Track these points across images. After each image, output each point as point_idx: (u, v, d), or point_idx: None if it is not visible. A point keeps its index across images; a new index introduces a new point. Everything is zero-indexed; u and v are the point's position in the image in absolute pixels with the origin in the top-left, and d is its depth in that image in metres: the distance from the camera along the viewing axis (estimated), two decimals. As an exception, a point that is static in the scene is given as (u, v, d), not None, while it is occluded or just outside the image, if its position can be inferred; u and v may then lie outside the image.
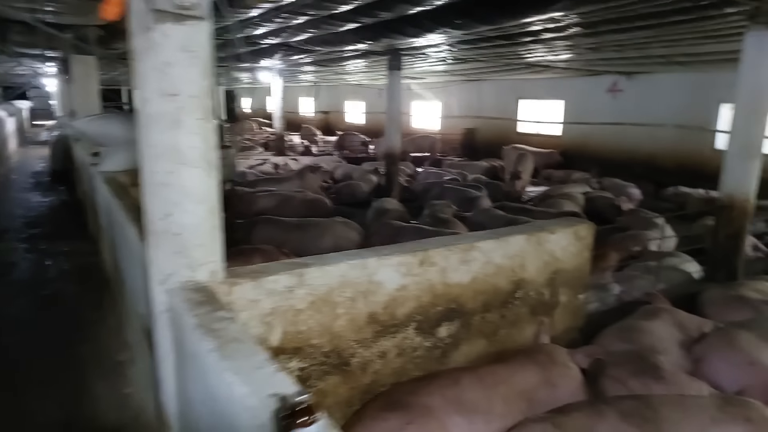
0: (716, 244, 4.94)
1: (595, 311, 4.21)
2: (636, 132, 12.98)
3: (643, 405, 2.48)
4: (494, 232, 3.17)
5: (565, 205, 8.62)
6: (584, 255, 3.49)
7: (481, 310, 3.05)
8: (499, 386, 2.67)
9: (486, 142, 16.97)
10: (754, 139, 4.65)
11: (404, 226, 6.35)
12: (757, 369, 3.14)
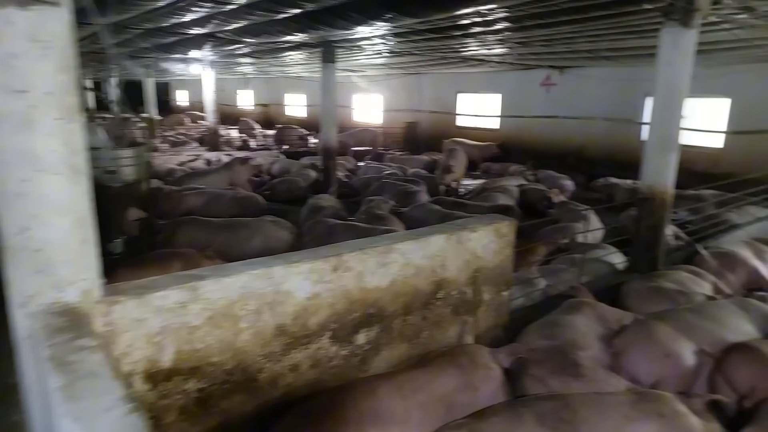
0: (638, 235, 5.09)
1: (521, 307, 4.23)
2: (568, 125, 13.37)
3: (560, 406, 2.46)
4: (413, 232, 3.08)
5: (500, 198, 8.74)
6: (506, 252, 3.46)
7: (401, 313, 2.95)
8: (417, 393, 2.58)
9: (427, 135, 17.05)
10: (671, 132, 4.79)
11: (337, 224, 6.20)
12: (672, 360, 3.21)
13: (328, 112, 9.63)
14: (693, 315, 3.54)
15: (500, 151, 14.64)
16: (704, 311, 3.64)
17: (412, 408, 2.51)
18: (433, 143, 15.77)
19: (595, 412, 2.41)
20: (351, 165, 12.31)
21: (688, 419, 2.43)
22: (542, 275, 4.71)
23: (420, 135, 17.33)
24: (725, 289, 4.70)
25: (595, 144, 12.95)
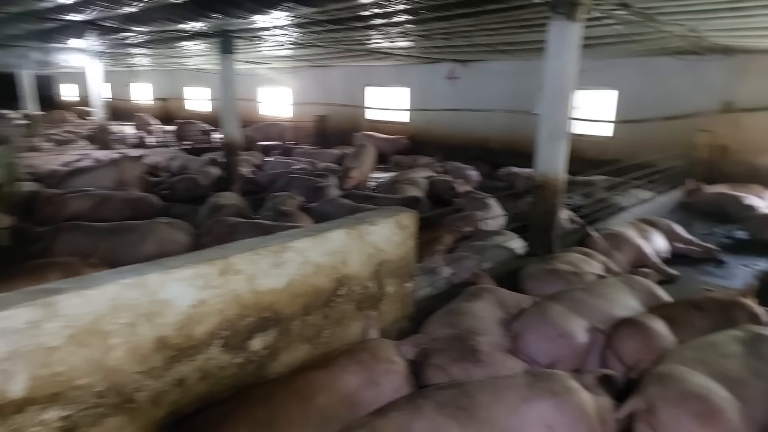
0: (534, 220, 5.31)
1: (427, 296, 4.26)
2: (472, 117, 13.82)
3: (459, 393, 2.46)
4: (311, 229, 2.96)
5: (409, 190, 8.82)
6: (409, 244, 3.44)
7: (301, 314, 2.83)
8: (317, 396, 2.48)
9: (338, 129, 16.90)
10: (560, 122, 5.04)
11: (239, 222, 5.92)
12: (565, 339, 3.35)
13: (229, 106, 9.20)
14: (584, 294, 3.73)
15: (410, 144, 14.85)
16: (594, 290, 3.85)
17: (311, 411, 2.41)
18: (344, 137, 15.67)
19: (492, 396, 2.44)
20: (257, 161, 11.89)
21: (580, 395, 2.53)
22: (446, 264, 4.77)
23: (331, 128, 17.15)
24: (614, 267, 5.03)
25: (498, 135, 13.49)
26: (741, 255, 6.41)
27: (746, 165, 9.87)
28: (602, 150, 11.57)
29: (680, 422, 2.50)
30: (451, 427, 2.28)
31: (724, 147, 10.05)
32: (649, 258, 5.57)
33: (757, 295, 3.96)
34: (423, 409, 2.35)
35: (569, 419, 2.40)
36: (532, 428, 2.35)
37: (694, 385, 2.61)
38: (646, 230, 6.06)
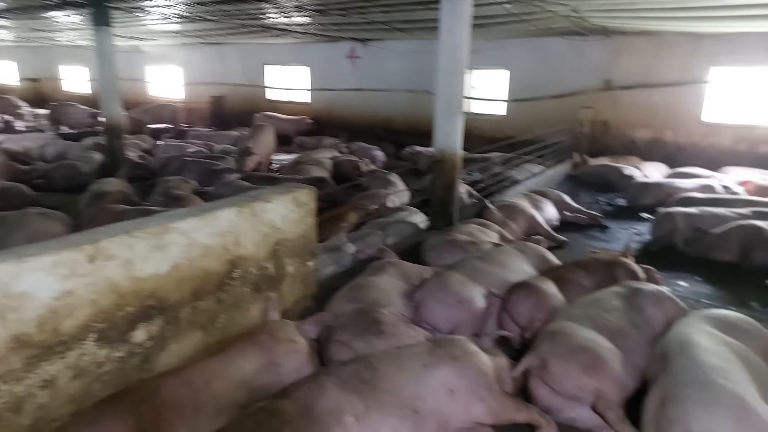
0: (434, 195, 5.41)
1: (332, 274, 4.19)
2: (375, 97, 13.83)
3: (361, 367, 2.42)
4: (197, 208, 2.75)
5: (313, 171, 8.67)
6: (308, 221, 3.33)
7: (190, 300, 2.63)
8: (211, 383, 2.33)
9: (236, 110, 16.18)
10: (455, 97, 5.12)
11: (126, 210, 5.45)
12: (464, 305, 3.44)
13: (108, 85, 8.41)
14: (481, 262, 3.85)
15: (314, 124, 14.59)
16: (490, 257, 3.99)
17: (204, 400, 2.26)
18: (243, 118, 15.04)
19: (394, 367, 2.43)
20: (147, 144, 11.05)
21: (479, 357, 2.59)
22: (351, 241, 4.73)
23: (228, 110, 16.37)
24: (509, 236, 5.26)
25: (400, 115, 13.62)
26: (621, 220, 7.00)
27: (625, 138, 10.79)
28: (498, 128, 12.09)
29: (569, 374, 2.65)
30: (354, 401, 2.23)
31: (605, 122, 10.89)
32: (541, 226, 5.90)
33: (635, 254, 4.34)
34: (325, 387, 2.29)
35: (469, 381, 2.45)
36: (434, 393, 2.38)
37: (581, 339, 2.78)
38: (537, 201, 6.40)
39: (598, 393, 2.60)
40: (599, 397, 2.58)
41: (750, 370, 2.50)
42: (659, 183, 7.80)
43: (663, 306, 3.28)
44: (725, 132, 9.74)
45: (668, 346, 2.71)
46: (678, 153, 10.15)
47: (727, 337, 2.76)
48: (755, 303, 4.34)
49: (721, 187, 7.58)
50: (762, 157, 9.28)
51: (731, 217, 5.62)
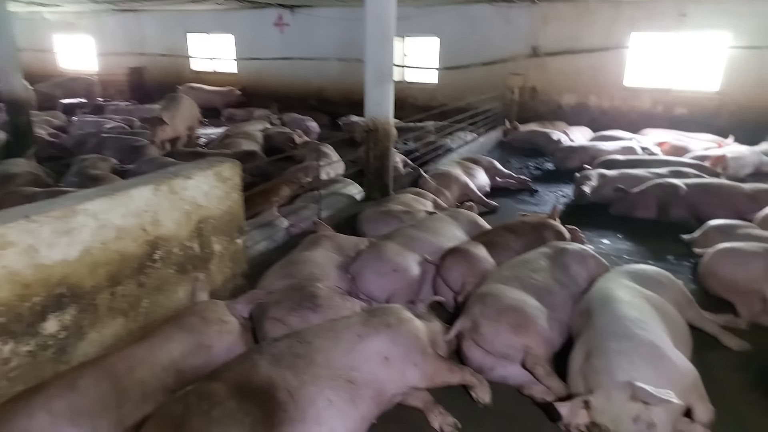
0: (369, 166, 5.35)
1: (264, 251, 4.08)
2: (305, 66, 13.45)
3: (295, 342, 2.37)
4: (109, 187, 2.55)
5: (243, 144, 8.37)
6: (233, 197, 3.19)
7: (107, 285, 2.47)
8: (134, 371, 2.21)
9: (158, 82, 15.25)
10: (384, 64, 5.03)
11: (38, 192, 5.05)
12: (399, 273, 3.45)
13: (6, 55, 7.63)
14: (415, 230, 3.87)
15: (243, 96, 14.03)
16: (424, 225, 4.02)
17: (129, 389, 2.14)
18: (166, 90, 14.16)
19: (329, 339, 2.40)
20: (59, 121, 10.23)
21: (413, 323, 2.61)
22: (285, 216, 4.62)
23: (149, 82, 15.41)
24: (443, 204, 5.33)
25: (333, 85, 13.34)
26: (549, 183, 7.26)
27: (552, 104, 11.12)
28: (431, 96, 12.12)
29: (499, 334, 2.73)
30: (288, 377, 2.19)
31: (534, 88, 11.16)
32: (474, 193, 6.02)
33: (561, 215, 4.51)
34: (258, 365, 2.22)
35: (403, 348, 2.47)
36: (369, 362, 2.38)
37: (510, 300, 2.86)
38: (470, 168, 6.51)
39: (527, 350, 2.70)
40: (528, 354, 2.69)
41: (664, 320, 2.68)
42: (584, 146, 8.12)
43: (587, 264, 3.44)
44: (644, 95, 10.25)
45: (591, 301, 2.85)
46: (601, 117, 10.60)
47: (644, 289, 2.93)
48: (671, 256, 4.64)
49: (641, 148, 8.01)
50: (677, 119, 9.86)
51: (649, 177, 5.95)
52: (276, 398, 2.08)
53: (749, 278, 3.49)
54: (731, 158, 7.02)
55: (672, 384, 2.14)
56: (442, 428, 2.47)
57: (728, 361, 3.06)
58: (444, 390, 2.66)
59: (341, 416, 2.16)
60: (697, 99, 9.78)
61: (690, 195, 5.40)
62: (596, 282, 3.11)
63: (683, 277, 4.17)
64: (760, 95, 9.19)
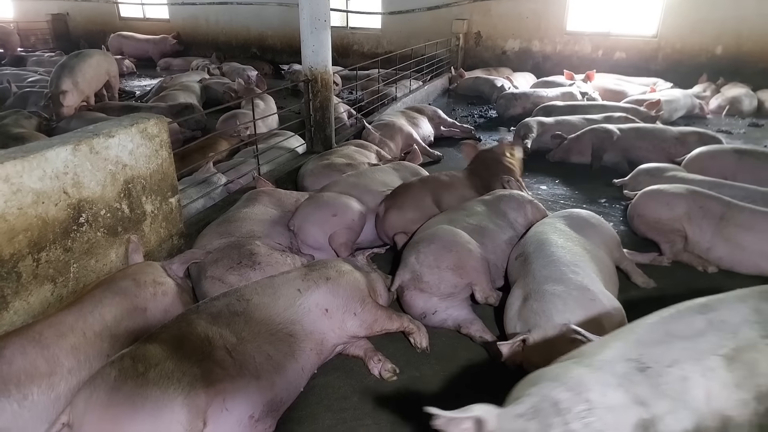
0: (310, 117, 5.23)
1: (202, 208, 3.99)
2: (244, 11, 12.79)
3: (233, 300, 2.37)
4: (20, 149, 2.39)
5: (180, 97, 7.99)
6: (162, 154, 3.07)
7: (30, 252, 2.36)
8: (65, 337, 2.16)
9: (84, 30, 14.22)
10: (319, 10, 4.82)
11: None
12: (339, 218, 3.45)
13: None
14: (354, 178, 3.88)
15: (178, 44, 13.27)
16: (364, 174, 4.02)
17: (59, 356, 2.10)
18: (93, 39, 13.26)
19: (268, 296, 2.41)
20: (-26, 75, 9.41)
21: (352, 275, 2.66)
22: (222, 172, 4.49)
23: (74, 30, 14.30)
24: (387, 155, 5.31)
25: (274, 32, 12.80)
26: (492, 131, 7.35)
27: (497, 50, 11.11)
28: (377, 42, 11.84)
29: (443, 280, 2.82)
30: (226, 335, 2.20)
31: (478, 33, 11.08)
32: (418, 143, 6.02)
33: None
34: (194, 324, 2.22)
35: (343, 299, 2.52)
36: (310, 315, 2.42)
37: (444, 242, 2.94)
38: (414, 118, 6.48)
39: (472, 286, 2.83)
40: (476, 290, 2.82)
41: (595, 262, 2.84)
42: (525, 93, 8.21)
43: (524, 209, 3.55)
44: (585, 40, 10.38)
45: (527, 245, 2.97)
46: (544, 62, 10.70)
47: (576, 233, 3.08)
48: (604, 200, 4.86)
49: (580, 93, 8.19)
50: (616, 63, 10.08)
51: (585, 123, 6.11)
52: (214, 356, 2.09)
53: (672, 218, 3.69)
54: (664, 102, 7.29)
55: (600, 323, 2.30)
56: (381, 374, 2.57)
57: (649, 295, 3.29)
58: (384, 338, 2.75)
59: (280, 369, 2.21)
60: (635, 43, 10.00)
61: (623, 140, 5.61)
62: (532, 227, 3.23)
63: (615, 220, 4.40)
64: (695, 39, 9.48)
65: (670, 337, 1.56)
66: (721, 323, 1.59)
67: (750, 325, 1.58)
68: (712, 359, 1.48)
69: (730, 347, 1.51)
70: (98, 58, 7.77)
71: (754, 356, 1.50)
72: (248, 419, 2.07)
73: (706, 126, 7.14)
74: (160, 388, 1.88)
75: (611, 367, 1.47)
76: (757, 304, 1.66)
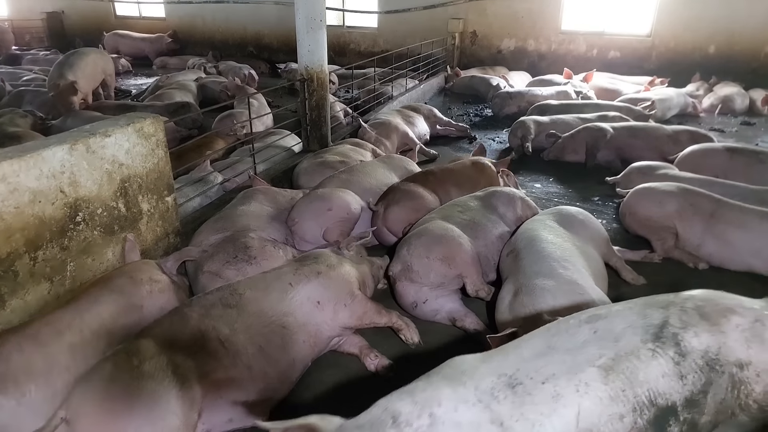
0: (306, 116, 5.26)
1: (199, 207, 4.01)
2: (241, 10, 12.79)
3: (226, 294, 2.40)
4: (17, 148, 2.42)
5: (176, 95, 7.99)
6: (159, 154, 3.09)
7: (27, 251, 2.39)
8: (62, 335, 2.19)
9: (79, 28, 14.18)
10: (315, 10, 4.84)
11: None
12: (334, 212, 3.48)
13: None
14: (346, 174, 3.93)
15: (174, 43, 13.26)
16: (355, 170, 4.07)
17: (56, 354, 2.13)
18: (89, 38, 13.22)
19: (260, 290, 2.45)
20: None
21: (342, 267, 2.69)
22: (219, 170, 4.52)
23: (69, 28, 14.27)
24: (383, 154, 5.33)
25: (271, 30, 12.80)
26: (488, 130, 7.40)
27: (492, 49, 11.15)
28: (373, 41, 11.86)
29: (433, 270, 2.88)
30: (219, 327, 2.23)
31: (474, 33, 11.12)
32: (414, 142, 6.05)
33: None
34: (188, 317, 2.25)
35: (333, 291, 2.56)
36: (302, 308, 2.46)
37: (434, 234, 2.99)
38: (410, 116, 6.51)
39: (462, 278, 2.88)
40: (466, 282, 2.86)
41: (584, 257, 2.88)
42: (521, 92, 8.25)
43: (515, 206, 3.60)
44: (579, 39, 10.43)
45: (518, 241, 3.01)
46: (539, 61, 10.75)
47: (565, 230, 3.12)
48: (597, 197, 4.91)
49: (575, 92, 8.23)
50: (611, 62, 10.13)
51: (579, 122, 6.16)
52: (207, 348, 2.13)
53: (663, 215, 3.74)
54: (658, 101, 7.35)
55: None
56: (378, 370, 2.60)
57: (639, 291, 3.34)
58: (379, 335, 2.79)
59: (273, 361, 2.25)
60: (629, 42, 10.06)
61: (616, 138, 5.66)
62: (523, 224, 3.27)
63: (607, 217, 4.45)
64: (688, 38, 9.55)
65: (552, 350, 1.42)
66: (605, 332, 1.46)
67: (634, 330, 1.45)
68: (588, 372, 1.34)
69: (609, 356, 1.37)
70: (94, 56, 7.77)
71: (633, 364, 1.36)
72: (242, 409, 2.11)
73: (699, 124, 7.20)
74: (155, 381, 1.91)
75: (478, 382, 1.34)
76: (643, 309, 1.54)
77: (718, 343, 1.45)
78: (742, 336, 1.47)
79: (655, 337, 1.41)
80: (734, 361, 1.44)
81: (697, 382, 1.39)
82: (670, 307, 1.53)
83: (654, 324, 1.46)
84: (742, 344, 1.46)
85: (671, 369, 1.37)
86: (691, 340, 1.43)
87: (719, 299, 1.59)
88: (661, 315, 1.49)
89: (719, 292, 1.65)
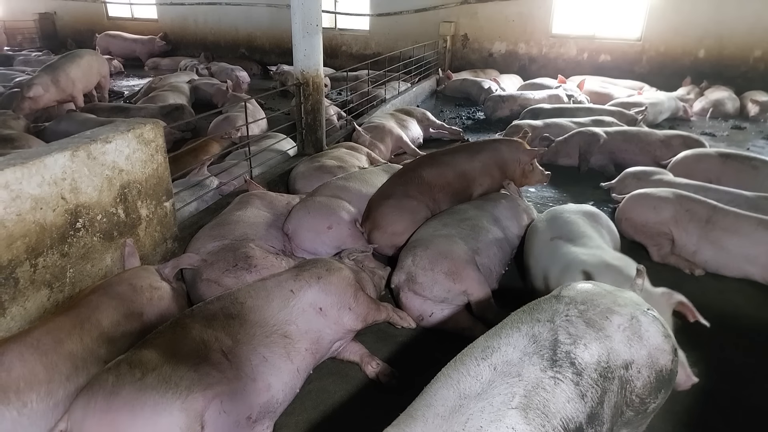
0: (301, 119, 5.26)
1: (196, 211, 4.00)
2: (233, 12, 12.76)
3: (228, 303, 2.40)
4: (19, 155, 2.41)
5: (170, 98, 7.98)
6: (158, 159, 3.09)
7: (28, 258, 2.38)
8: (62, 344, 2.18)
9: (71, 29, 14.08)
10: (311, 14, 4.84)
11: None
12: (335, 230, 3.49)
13: None
14: (344, 181, 3.94)
15: (166, 44, 13.20)
16: (354, 177, 4.08)
17: (57, 362, 2.12)
18: (81, 39, 13.15)
19: (262, 298, 2.45)
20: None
21: (342, 272, 2.70)
22: (215, 174, 4.51)
23: (61, 29, 14.15)
24: (377, 157, 5.36)
25: (263, 32, 12.79)
26: (480, 133, 7.44)
27: (484, 52, 11.22)
28: (365, 44, 11.88)
29: (437, 283, 2.90)
30: (222, 337, 2.23)
31: (465, 36, 11.18)
32: (408, 145, 6.09)
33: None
34: (189, 328, 2.25)
35: (335, 297, 2.57)
36: (305, 314, 2.46)
37: (440, 247, 3.01)
38: (403, 120, 6.54)
39: (467, 294, 2.90)
40: (472, 302, 2.88)
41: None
42: (513, 96, 8.31)
43: (519, 218, 3.65)
44: (570, 43, 10.52)
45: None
46: (530, 64, 10.83)
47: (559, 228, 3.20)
48: (591, 202, 4.93)
49: (566, 96, 8.31)
50: (601, 66, 10.24)
51: (572, 126, 6.21)
52: (210, 359, 2.12)
53: (659, 221, 3.78)
54: (649, 105, 7.43)
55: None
56: (379, 378, 2.61)
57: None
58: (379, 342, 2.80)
59: (277, 371, 2.25)
60: (619, 46, 10.16)
61: (609, 143, 5.72)
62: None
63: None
64: (678, 42, 9.67)
65: (465, 400, 1.37)
66: (505, 366, 1.43)
67: (530, 358, 1.44)
68: (510, 415, 1.31)
69: (520, 395, 1.35)
70: (89, 58, 7.72)
71: (543, 397, 1.35)
72: (245, 421, 2.11)
73: (690, 128, 7.30)
74: (157, 393, 1.89)
75: None
76: (530, 328, 1.54)
77: (606, 349, 1.49)
78: (624, 336, 1.53)
79: (552, 362, 1.43)
80: (621, 364, 1.51)
81: (595, 396, 1.42)
82: (556, 318, 1.56)
83: (546, 346, 1.47)
84: (625, 345, 1.52)
85: (573, 391, 1.39)
86: (582, 355, 1.46)
87: (598, 298, 1.65)
88: (550, 333, 1.51)
89: (595, 285, 1.72)
